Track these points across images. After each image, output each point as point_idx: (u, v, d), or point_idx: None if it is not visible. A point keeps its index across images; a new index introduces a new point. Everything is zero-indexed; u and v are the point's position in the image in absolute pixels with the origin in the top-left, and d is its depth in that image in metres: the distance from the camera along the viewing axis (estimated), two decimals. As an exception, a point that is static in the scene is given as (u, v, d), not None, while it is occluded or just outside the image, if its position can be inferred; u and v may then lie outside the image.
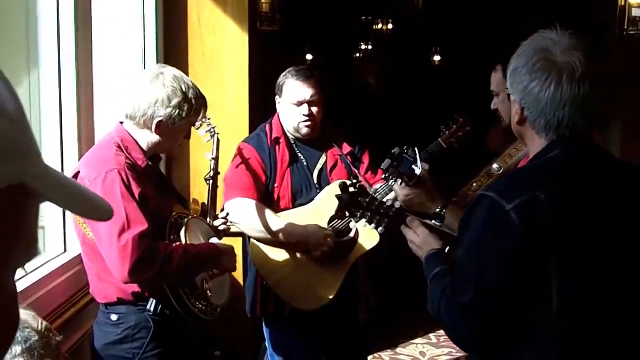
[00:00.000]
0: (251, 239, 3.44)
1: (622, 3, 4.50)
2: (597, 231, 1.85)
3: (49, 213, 3.13)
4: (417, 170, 2.82)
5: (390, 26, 9.60)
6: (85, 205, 0.84)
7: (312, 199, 3.42)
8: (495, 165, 2.89)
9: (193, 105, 2.74)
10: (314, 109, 3.40)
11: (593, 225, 1.84)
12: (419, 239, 2.20)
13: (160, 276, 2.62)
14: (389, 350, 5.38)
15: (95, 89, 3.34)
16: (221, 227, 3.09)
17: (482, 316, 1.84)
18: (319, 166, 3.48)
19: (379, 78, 10.56)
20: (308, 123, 3.40)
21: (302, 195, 3.43)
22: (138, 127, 2.75)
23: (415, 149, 2.88)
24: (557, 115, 1.84)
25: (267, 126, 3.50)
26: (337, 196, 2.38)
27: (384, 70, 10.39)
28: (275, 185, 3.41)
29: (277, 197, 3.42)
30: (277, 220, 3.33)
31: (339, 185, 2.37)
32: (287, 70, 3.49)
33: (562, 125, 1.85)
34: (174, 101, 2.69)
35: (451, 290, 1.89)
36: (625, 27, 4.44)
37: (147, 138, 2.76)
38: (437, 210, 2.67)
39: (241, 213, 3.33)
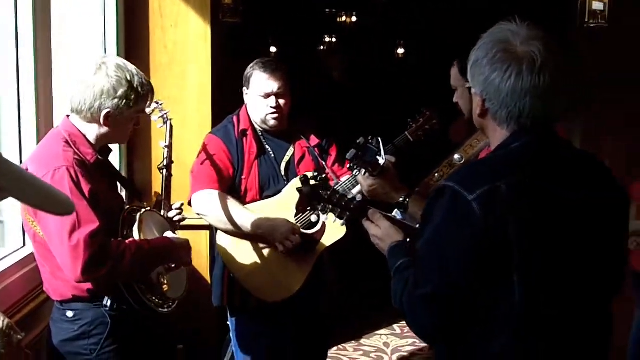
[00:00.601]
0: (218, 231, 3.43)
1: (583, -4, 4.55)
2: (558, 222, 1.84)
3: (7, 207, 3.08)
4: (381, 161, 2.84)
5: (354, 19, 9.59)
6: (47, 199, 0.82)
7: (279, 191, 3.42)
8: (456, 156, 2.92)
9: (140, 93, 2.69)
10: (282, 101, 3.40)
11: (553, 217, 1.84)
12: (381, 231, 2.19)
13: (113, 275, 2.58)
14: (353, 342, 5.40)
15: (55, 81, 3.28)
16: (176, 219, 3.06)
17: (444, 308, 1.83)
18: (286, 158, 3.48)
19: (344, 71, 10.57)
20: (275, 115, 3.40)
21: (270, 187, 3.42)
22: (86, 121, 2.69)
23: (379, 139, 2.90)
24: (518, 106, 1.84)
25: (235, 118, 3.50)
26: (298, 189, 2.38)
27: (349, 63, 10.40)
28: (243, 177, 3.41)
29: (244, 189, 3.41)
30: (244, 213, 3.32)
31: (300, 179, 2.37)
32: (254, 62, 3.48)
33: (524, 116, 1.85)
34: (120, 91, 2.64)
35: (413, 282, 1.88)
36: (586, 20, 4.49)
37: (96, 131, 2.70)
38: (401, 200, 2.69)
39: (208, 205, 3.32)
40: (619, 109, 4.65)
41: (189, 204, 3.40)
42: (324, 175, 2.39)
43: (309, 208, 2.42)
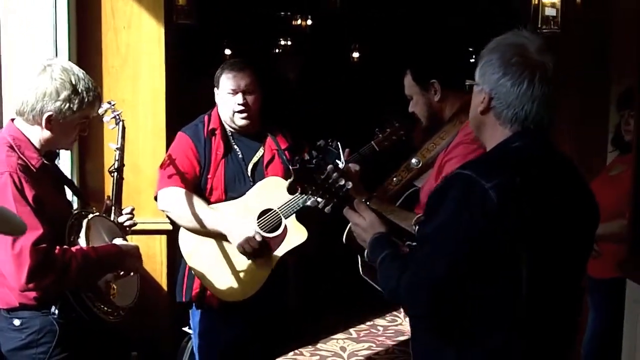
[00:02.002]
0: (181, 230, 3.45)
1: (536, 2, 4.61)
2: (559, 219, 1.95)
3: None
4: (341, 164, 2.84)
5: (309, 22, 9.59)
6: None
7: (245, 192, 3.43)
8: (414, 160, 2.93)
9: (84, 98, 2.63)
10: (250, 99, 3.43)
11: (557, 213, 1.95)
12: (366, 222, 2.22)
13: (59, 283, 2.52)
14: (309, 346, 5.38)
15: (5, 87, 3.20)
16: (127, 224, 2.99)
17: (451, 289, 1.87)
18: (254, 159, 3.50)
19: (299, 73, 10.57)
20: (244, 114, 3.43)
21: (236, 187, 3.44)
22: (29, 124, 2.63)
23: (338, 143, 2.91)
24: (525, 109, 1.95)
25: (206, 117, 3.53)
26: (294, 169, 2.38)
27: (304, 66, 10.40)
28: (209, 176, 3.43)
29: (210, 188, 3.44)
30: (207, 212, 3.35)
31: (297, 160, 2.37)
32: (223, 63, 3.55)
33: (529, 119, 1.96)
34: (63, 94, 2.58)
35: (417, 264, 1.91)
36: (539, 26, 4.55)
37: (39, 135, 2.64)
38: (363, 201, 2.68)
39: (172, 202, 3.37)
40: (572, 112, 4.72)
41: (155, 199, 3.44)
42: (316, 159, 2.39)
43: (299, 190, 2.40)
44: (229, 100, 3.43)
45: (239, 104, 3.41)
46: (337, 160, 2.81)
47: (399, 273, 1.95)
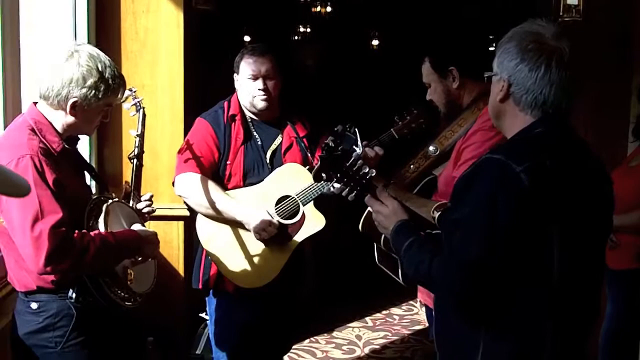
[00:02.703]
0: (198, 216, 3.44)
1: (558, -10, 4.56)
2: (586, 204, 1.98)
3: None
4: (358, 150, 2.83)
5: (329, 9, 9.55)
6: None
7: (263, 179, 3.42)
8: (431, 148, 2.92)
9: (110, 85, 2.63)
10: (270, 84, 3.43)
11: (583, 198, 1.97)
12: (389, 209, 2.24)
13: (76, 267, 2.51)
14: (325, 334, 5.38)
15: (23, 66, 3.21)
16: (145, 210, 3.00)
17: (483, 275, 1.87)
18: (273, 147, 3.49)
19: (318, 61, 10.54)
20: (264, 97, 3.41)
21: (254, 174, 3.43)
22: (52, 108, 2.62)
23: (356, 128, 2.89)
24: (543, 93, 1.98)
25: (226, 103, 3.52)
26: (321, 157, 2.40)
27: (323, 54, 10.36)
28: (228, 162, 3.43)
29: (228, 174, 3.43)
30: (224, 198, 3.34)
31: (323, 147, 2.38)
32: (243, 48, 3.53)
33: (547, 103, 1.99)
34: (90, 81, 2.58)
35: (450, 249, 1.93)
36: (561, 14, 4.50)
37: (62, 120, 2.63)
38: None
39: (190, 188, 3.36)
40: (591, 102, 4.67)
41: (173, 184, 3.43)
42: (342, 147, 2.39)
43: (325, 177, 2.41)
44: (249, 86, 3.42)
45: (259, 89, 3.40)
46: (354, 147, 2.81)
47: (429, 258, 1.98)
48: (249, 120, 3.51)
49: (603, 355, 3.96)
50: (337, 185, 2.42)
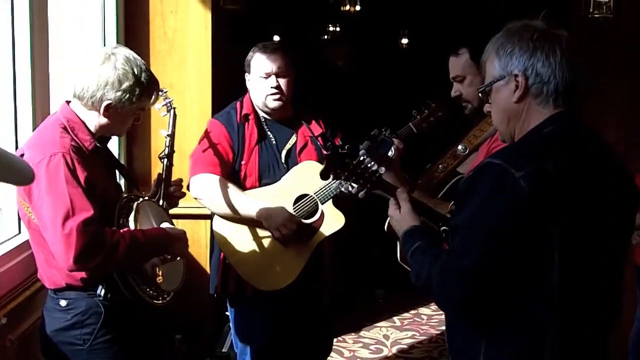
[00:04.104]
0: (215, 217, 3.40)
1: (588, -14, 4.50)
2: (593, 206, 1.92)
3: (4, 193, 3.05)
4: (390, 153, 2.82)
5: (358, 8, 9.52)
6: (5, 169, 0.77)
7: (279, 179, 3.38)
8: (460, 147, 2.88)
9: (145, 89, 2.65)
10: (282, 82, 3.37)
11: (590, 199, 1.91)
12: (399, 215, 2.21)
13: (106, 265, 2.53)
14: (352, 334, 5.37)
15: (52, 67, 3.24)
16: (176, 194, 3.02)
17: (482, 282, 1.84)
18: (288, 146, 3.45)
19: (348, 60, 10.52)
20: (277, 96, 3.37)
21: (270, 174, 3.39)
22: (86, 109, 2.65)
23: (388, 131, 2.88)
24: (565, 78, 1.94)
25: (238, 103, 3.47)
26: (326, 155, 2.39)
27: (353, 53, 10.34)
28: (243, 162, 3.38)
29: (244, 175, 3.38)
30: (242, 198, 3.29)
31: (329, 146, 2.36)
32: (254, 46, 3.47)
33: (570, 87, 1.94)
34: (125, 85, 2.60)
35: (448, 255, 1.91)
36: (591, 11, 4.44)
37: (95, 120, 2.66)
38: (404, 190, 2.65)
39: (206, 189, 3.31)
40: (621, 99, 4.61)
41: (187, 188, 3.37)
42: (349, 145, 2.37)
43: (332, 176, 2.39)
44: (261, 84, 3.37)
45: (272, 87, 3.35)
46: (389, 150, 2.81)
47: (430, 264, 1.95)
48: (263, 120, 3.46)
49: (632, 357, 3.90)
50: (345, 183, 2.39)
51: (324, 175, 2.41)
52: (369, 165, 2.34)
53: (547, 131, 1.94)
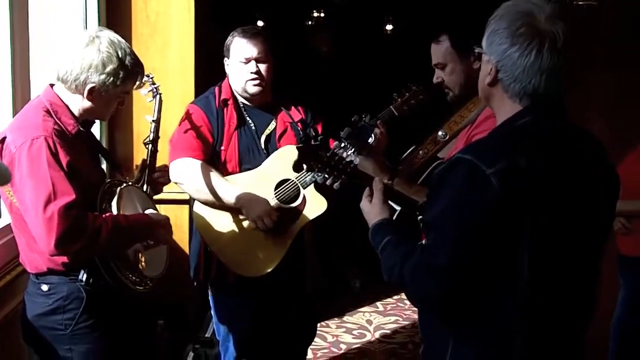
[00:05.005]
0: (195, 203, 3.38)
1: (572, -28, 4.50)
2: (568, 199, 1.87)
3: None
4: (370, 139, 2.80)
5: (342, -7, 9.48)
6: None
7: (259, 164, 3.36)
8: (440, 133, 2.87)
9: (129, 72, 2.63)
10: (262, 67, 3.34)
11: (565, 193, 1.86)
12: (369, 206, 2.17)
13: (88, 249, 2.52)
14: (336, 319, 5.39)
15: (32, 49, 3.21)
16: (161, 180, 3.01)
17: (454, 279, 1.82)
18: (267, 131, 3.42)
19: (332, 46, 10.48)
20: (257, 82, 3.34)
21: (250, 159, 3.37)
22: (70, 92, 2.63)
23: (368, 116, 2.86)
24: (533, 83, 1.86)
25: (217, 89, 3.44)
26: (298, 147, 2.35)
27: (337, 39, 10.30)
28: (222, 147, 3.35)
29: (224, 160, 3.36)
30: (223, 184, 3.27)
31: (301, 138, 2.33)
32: (234, 31, 3.42)
33: (538, 92, 1.87)
34: (109, 68, 2.58)
35: (421, 252, 1.87)
36: (575, -2, 4.44)
37: (79, 104, 2.64)
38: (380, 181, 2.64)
39: (186, 173, 3.28)
40: (605, 87, 4.62)
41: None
42: (321, 137, 2.35)
43: (305, 168, 2.37)
44: (241, 69, 3.34)
45: (251, 72, 3.32)
46: (370, 135, 2.79)
47: (402, 261, 1.91)
48: (242, 105, 3.43)
49: (613, 344, 3.93)
50: (319, 175, 2.35)
51: (296, 168, 2.38)
52: (343, 155, 2.32)
53: (522, 123, 1.89)
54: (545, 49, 1.83)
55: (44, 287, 2.65)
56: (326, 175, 2.34)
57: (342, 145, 2.79)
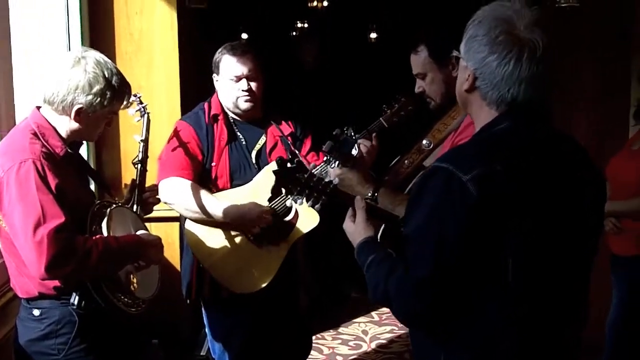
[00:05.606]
0: (187, 221, 3.35)
1: (554, -26, 4.51)
2: (549, 204, 1.84)
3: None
4: (354, 151, 2.79)
5: (325, 3, 9.50)
6: None
7: (250, 179, 3.34)
8: (425, 142, 2.86)
9: (116, 93, 2.62)
10: (253, 84, 3.34)
11: (545, 198, 1.83)
12: (353, 227, 2.13)
13: (79, 272, 2.50)
14: (331, 330, 5.37)
15: (17, 70, 3.19)
16: (150, 200, 2.99)
17: (437, 291, 1.79)
18: (258, 146, 3.41)
19: (317, 56, 10.49)
20: (248, 98, 3.33)
21: (241, 175, 3.35)
22: (57, 114, 2.61)
23: (352, 130, 2.85)
24: (511, 92, 1.83)
25: (206, 104, 3.43)
26: (274, 171, 2.32)
27: (322, 49, 10.32)
28: (213, 164, 3.33)
29: (214, 176, 3.34)
30: (213, 200, 3.24)
31: (277, 161, 2.30)
32: (222, 47, 3.41)
33: (517, 101, 1.83)
34: (96, 88, 2.56)
35: (402, 268, 1.84)
36: (557, 0, 4.45)
37: (67, 125, 2.62)
38: (369, 194, 2.62)
39: (176, 193, 3.25)
40: (588, 88, 4.65)
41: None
42: (297, 159, 2.32)
43: (284, 191, 2.34)
44: (232, 87, 3.33)
45: (243, 90, 3.32)
46: (352, 149, 2.78)
47: (385, 279, 1.87)
48: (232, 120, 3.42)
49: (608, 345, 3.93)
50: (299, 198, 2.32)
51: (275, 191, 2.35)
52: (320, 176, 2.29)
53: (500, 129, 1.86)
54: (525, 59, 1.80)
55: (36, 312, 2.62)
56: (305, 198, 2.30)
57: (326, 159, 2.78)
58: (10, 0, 3.14)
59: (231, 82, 3.32)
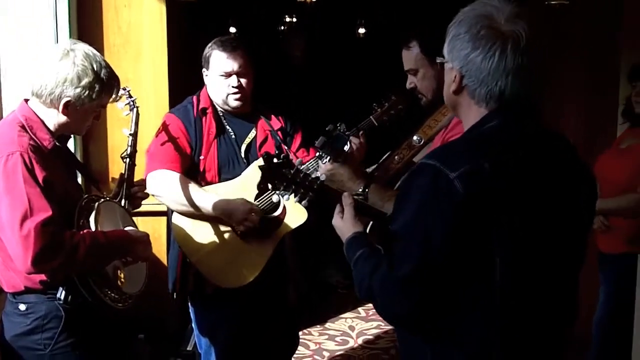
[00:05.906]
0: (174, 214, 3.33)
1: (543, -28, 4.53)
2: (537, 201, 1.83)
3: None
4: (346, 147, 2.78)
5: (314, -2, 9.48)
6: None
7: (239, 173, 3.32)
8: (415, 137, 2.85)
9: (105, 86, 2.60)
10: (243, 81, 3.32)
11: (533, 196, 1.82)
12: (342, 222, 2.11)
13: (66, 267, 2.48)
14: (318, 326, 5.37)
15: (4, 63, 3.16)
16: (139, 195, 2.96)
17: (422, 289, 1.78)
18: (247, 140, 3.39)
19: (305, 51, 10.48)
20: (238, 95, 3.32)
21: (229, 169, 3.33)
22: (45, 107, 2.59)
23: (344, 126, 2.84)
24: (499, 85, 1.81)
25: (195, 98, 3.41)
26: (260, 167, 2.29)
27: (310, 43, 10.30)
28: (201, 157, 3.32)
29: (203, 170, 3.32)
30: (201, 194, 3.23)
31: (263, 156, 2.28)
32: (212, 42, 3.38)
33: (505, 94, 1.82)
34: (84, 81, 2.54)
35: (388, 264, 1.82)
36: (547, -2, 4.47)
37: (55, 118, 2.60)
38: (360, 191, 2.62)
39: (163, 185, 3.24)
40: (578, 86, 4.66)
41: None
42: (284, 154, 2.30)
43: (270, 187, 2.32)
44: (221, 83, 3.31)
45: (233, 87, 3.30)
46: (344, 144, 2.78)
47: (370, 273, 1.86)
48: (221, 113, 3.40)
49: (595, 341, 3.95)
50: (285, 194, 2.31)
51: (261, 188, 2.34)
52: (307, 172, 2.28)
53: (489, 127, 1.85)
54: (509, 50, 1.78)
55: (22, 307, 2.60)
56: (292, 194, 2.28)
57: (318, 154, 2.77)
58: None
59: (221, 78, 3.31)
